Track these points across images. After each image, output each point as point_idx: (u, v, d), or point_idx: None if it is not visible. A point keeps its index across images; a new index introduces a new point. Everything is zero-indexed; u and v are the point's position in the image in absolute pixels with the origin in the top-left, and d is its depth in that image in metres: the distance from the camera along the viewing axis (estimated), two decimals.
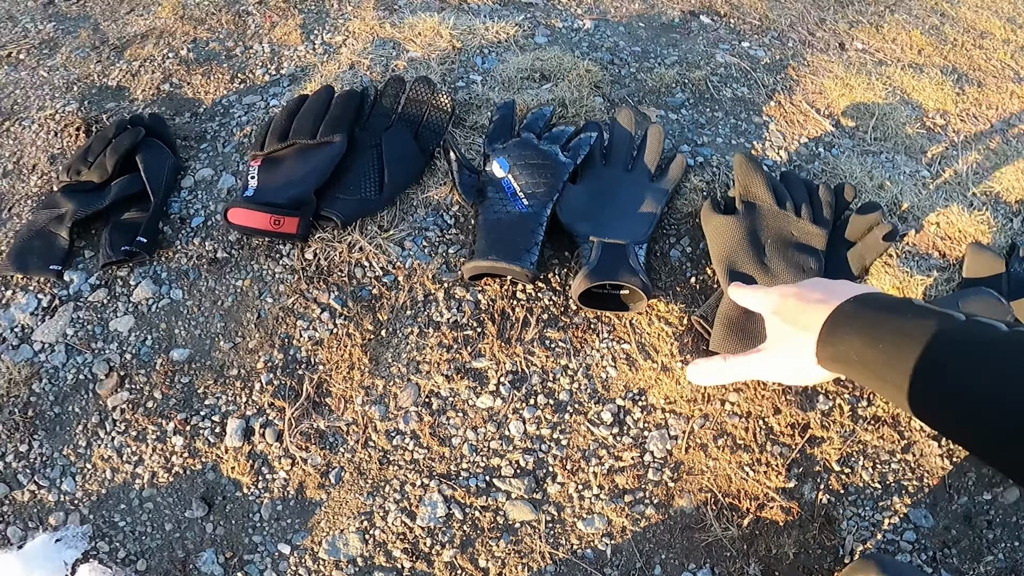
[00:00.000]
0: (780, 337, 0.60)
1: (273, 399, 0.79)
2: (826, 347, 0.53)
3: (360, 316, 0.82)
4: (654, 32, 1.18)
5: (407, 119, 0.94)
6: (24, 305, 0.83)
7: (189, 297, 0.83)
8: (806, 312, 0.57)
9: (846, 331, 0.52)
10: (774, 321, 0.61)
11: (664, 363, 0.81)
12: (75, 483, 0.76)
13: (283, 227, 0.83)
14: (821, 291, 0.58)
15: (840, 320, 0.53)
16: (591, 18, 1.17)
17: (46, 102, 1.01)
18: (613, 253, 0.82)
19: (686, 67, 1.10)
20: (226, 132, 0.98)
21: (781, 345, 0.60)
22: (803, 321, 0.56)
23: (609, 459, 0.76)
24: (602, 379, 0.81)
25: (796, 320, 0.57)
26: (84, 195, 0.88)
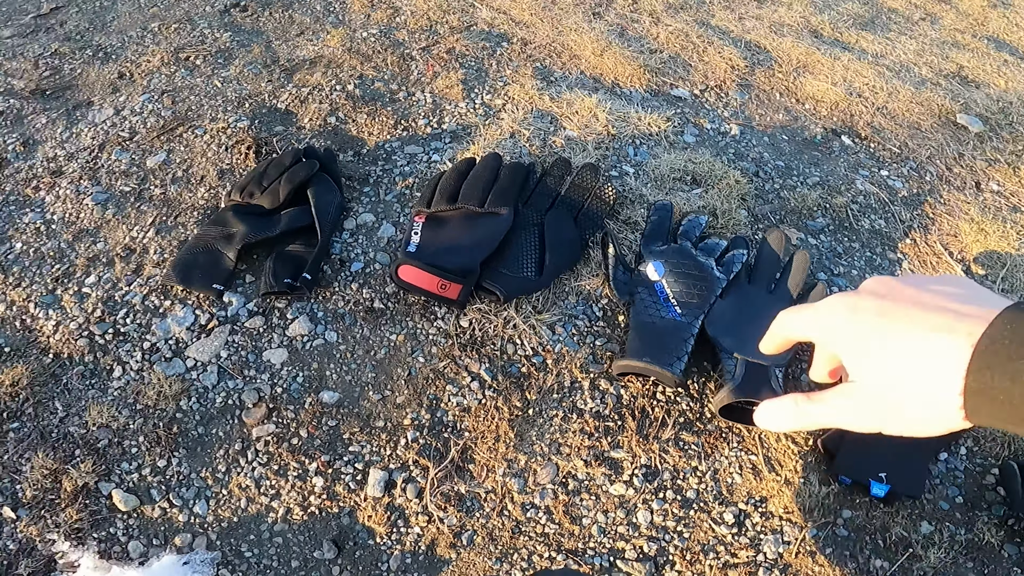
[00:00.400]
0: (882, 380, 0.35)
1: (418, 457, 0.78)
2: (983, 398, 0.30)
3: (509, 391, 0.82)
4: (797, 147, 1.21)
5: (568, 203, 0.95)
6: (181, 319, 0.82)
7: (343, 341, 0.83)
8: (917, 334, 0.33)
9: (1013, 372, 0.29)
10: (859, 359, 0.36)
11: (787, 477, 0.82)
12: (208, 507, 0.74)
13: (447, 292, 0.82)
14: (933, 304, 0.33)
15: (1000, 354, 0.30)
16: (737, 123, 1.20)
17: (219, 114, 1.01)
18: (757, 372, 0.83)
19: (828, 191, 1.12)
20: (388, 179, 0.98)
21: (886, 392, 0.35)
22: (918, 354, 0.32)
23: (726, 555, 0.77)
24: (728, 483, 0.81)
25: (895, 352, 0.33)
26: (255, 219, 0.87)
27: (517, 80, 1.15)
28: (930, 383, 0.32)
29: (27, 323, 0.83)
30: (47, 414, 0.77)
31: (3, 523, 0.72)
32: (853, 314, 0.36)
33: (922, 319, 0.33)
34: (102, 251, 0.88)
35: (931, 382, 0.32)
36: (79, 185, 0.95)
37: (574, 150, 1.05)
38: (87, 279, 0.86)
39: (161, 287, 0.84)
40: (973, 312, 0.32)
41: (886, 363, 0.34)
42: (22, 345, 0.81)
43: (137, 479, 0.74)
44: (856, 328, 0.35)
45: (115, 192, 0.94)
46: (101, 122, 1.03)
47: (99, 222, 0.91)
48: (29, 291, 0.85)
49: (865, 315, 0.35)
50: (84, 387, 0.78)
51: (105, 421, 0.76)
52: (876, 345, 0.34)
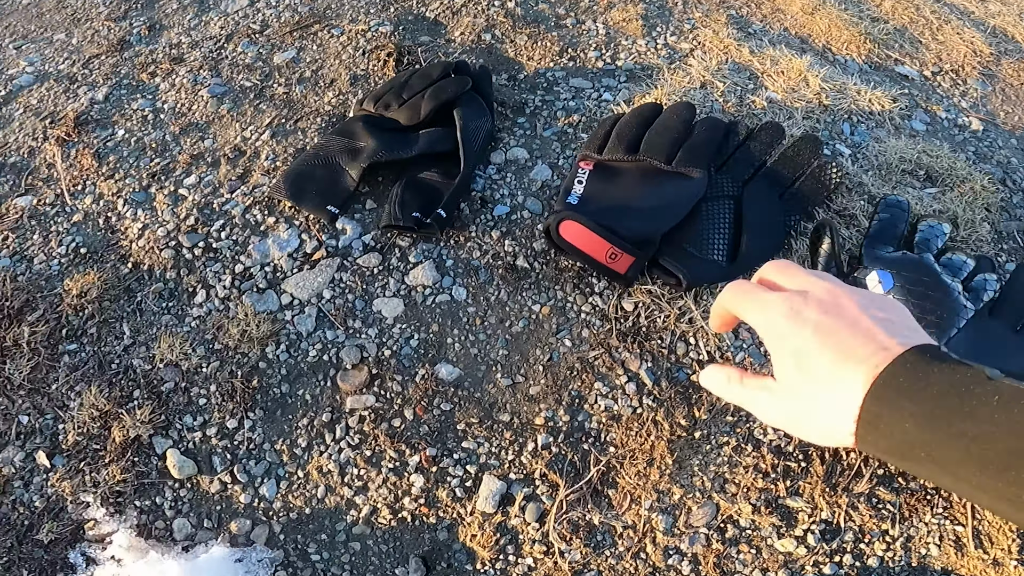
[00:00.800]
0: (797, 387, 0.36)
1: (548, 470, 0.57)
2: (873, 431, 0.32)
3: (673, 403, 0.60)
4: None
5: (774, 176, 0.71)
6: (284, 242, 0.65)
7: (473, 303, 0.63)
8: (835, 365, 0.34)
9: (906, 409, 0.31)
10: (785, 363, 0.36)
11: (997, 557, 0.59)
12: (277, 489, 0.57)
13: (616, 263, 0.61)
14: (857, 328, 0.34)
15: (892, 393, 0.32)
16: (978, 117, 0.94)
17: (360, 15, 0.84)
18: None
19: None
20: (548, 112, 0.77)
21: (798, 399, 0.36)
22: (830, 380, 0.34)
23: None
24: (920, 555, 0.58)
25: (819, 375, 0.34)
26: (389, 135, 0.68)
27: (708, 25, 0.93)
28: (834, 406, 0.34)
29: (111, 222, 0.68)
30: (111, 338, 0.61)
31: (35, 471, 0.57)
32: (795, 322, 0.36)
33: (848, 345, 0.34)
34: (208, 149, 0.72)
35: (835, 405, 0.34)
36: (197, 75, 0.80)
37: (777, 115, 0.82)
38: (186, 179, 0.70)
39: (266, 199, 0.67)
40: (889, 345, 0.33)
41: (807, 377, 0.35)
42: (101, 248, 0.66)
43: (199, 440, 0.58)
44: (794, 337, 0.36)
45: (234, 86, 0.78)
46: (233, 12, 0.88)
47: (211, 116, 0.75)
48: (121, 184, 0.70)
49: (805, 327, 0.36)
50: (159, 310, 0.63)
51: (175, 358, 0.60)
52: (804, 359, 0.35)
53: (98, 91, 0.80)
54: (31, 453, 0.58)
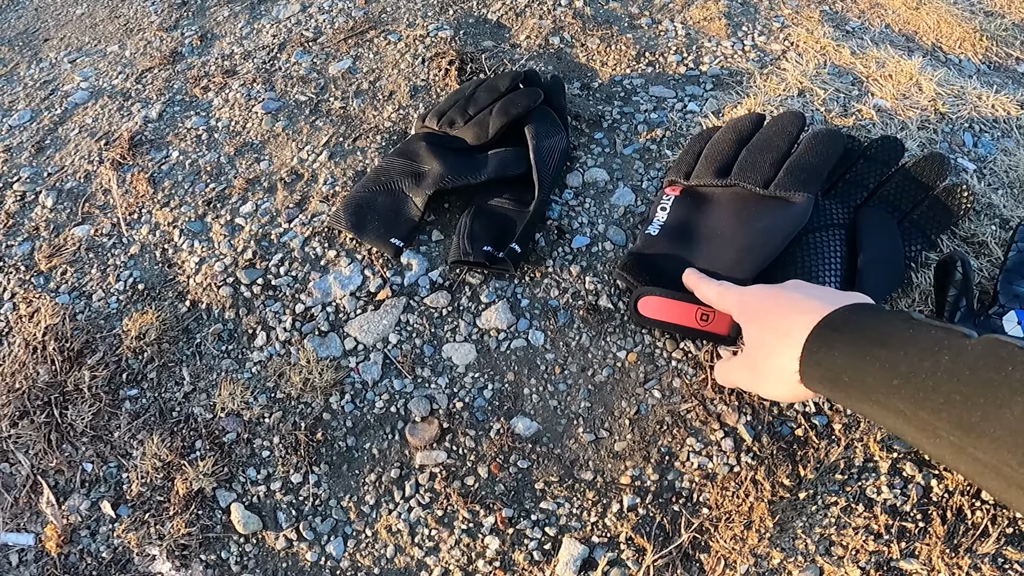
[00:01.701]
0: (755, 345, 0.47)
1: (633, 533, 0.51)
2: (811, 364, 0.42)
3: (775, 461, 0.52)
4: None
5: (891, 201, 0.60)
6: (346, 279, 0.59)
7: (552, 349, 0.56)
8: (787, 319, 0.44)
9: (836, 345, 0.41)
10: (750, 327, 0.48)
11: None
12: (344, 548, 0.52)
13: (711, 325, 0.53)
14: (806, 296, 0.46)
15: (828, 332, 0.41)
16: None
17: (417, 19, 0.77)
18: None
19: None
20: (628, 126, 0.69)
21: (758, 357, 0.47)
22: (783, 328, 0.44)
23: None
24: None
25: (776, 326, 0.45)
26: (454, 157, 0.62)
27: (800, 23, 0.83)
28: (786, 350, 0.43)
29: (168, 255, 0.63)
30: (172, 384, 0.57)
31: (101, 521, 0.53)
32: (764, 298, 0.47)
33: (800, 306, 0.44)
34: (264, 172, 0.67)
35: (786, 349, 0.43)
36: (251, 89, 0.74)
37: (890, 127, 0.71)
38: (243, 206, 0.65)
39: (326, 230, 0.61)
40: (833, 303, 0.43)
41: (767, 332, 0.45)
42: (158, 283, 0.62)
43: (263, 494, 0.53)
44: (761, 306, 0.47)
45: (289, 101, 0.72)
46: (285, 19, 0.82)
47: (266, 135, 0.70)
48: (177, 213, 0.65)
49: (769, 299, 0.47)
50: (219, 354, 0.58)
51: (236, 407, 0.56)
52: (766, 318, 0.46)
53: (152, 108, 0.76)
54: (96, 502, 0.55)
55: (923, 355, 0.36)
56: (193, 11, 0.88)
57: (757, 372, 0.47)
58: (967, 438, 0.34)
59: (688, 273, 0.55)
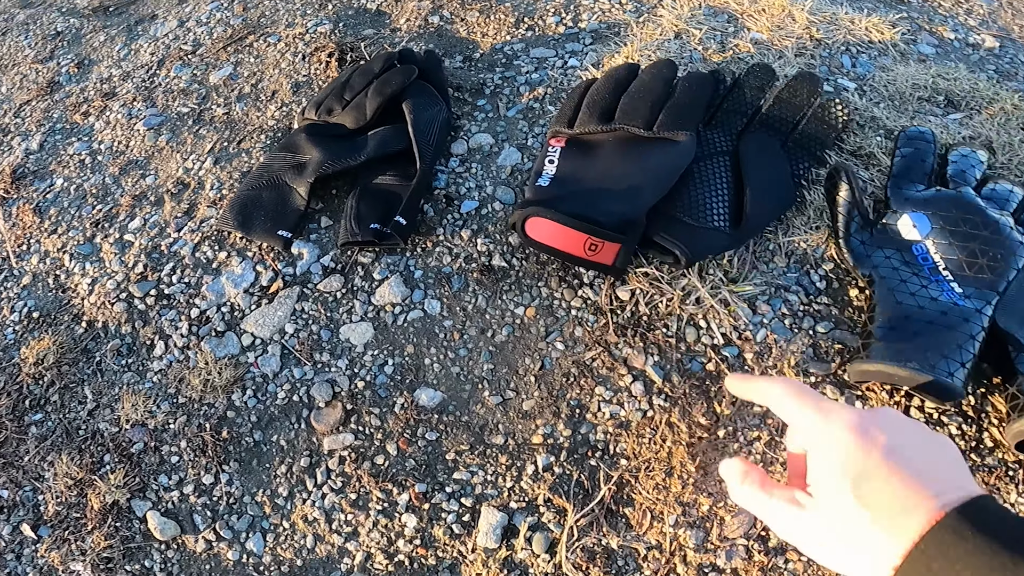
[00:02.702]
0: (843, 515, 0.34)
1: (551, 494, 0.49)
2: (917, 569, 0.31)
3: (689, 400, 0.51)
4: None
5: (772, 124, 0.60)
6: (238, 277, 0.57)
7: (449, 315, 0.54)
8: (898, 501, 0.32)
9: (952, 557, 0.30)
10: (842, 486, 0.34)
11: None
12: (264, 543, 0.49)
13: (599, 255, 0.52)
14: (919, 467, 0.33)
15: (946, 539, 0.31)
16: (991, 34, 0.81)
17: (296, 18, 0.75)
18: None
19: None
20: (511, 89, 0.67)
21: (837, 525, 0.34)
22: (888, 516, 0.32)
23: None
24: None
25: (880, 508, 0.32)
26: (334, 143, 0.60)
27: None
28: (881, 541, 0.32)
29: (60, 280, 0.61)
30: (75, 403, 0.55)
31: (24, 543, 0.51)
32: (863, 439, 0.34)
33: (895, 492, 0.32)
34: (151, 187, 0.65)
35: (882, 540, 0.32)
36: (132, 108, 0.72)
37: (767, 57, 0.71)
38: (131, 223, 0.63)
39: (215, 233, 0.60)
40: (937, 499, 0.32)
41: (864, 504, 0.33)
42: (53, 309, 0.59)
43: (177, 499, 0.51)
44: (858, 456, 0.34)
45: (171, 114, 0.70)
46: (162, 36, 0.80)
47: (150, 150, 0.68)
48: (65, 239, 0.63)
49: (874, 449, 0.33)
50: (119, 368, 0.56)
51: (140, 417, 0.53)
52: (867, 484, 0.33)
53: (32, 140, 0.73)
54: (16, 526, 0.53)
55: None
56: (68, 40, 0.86)
57: (830, 543, 0.35)
58: None
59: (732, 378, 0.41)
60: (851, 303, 0.55)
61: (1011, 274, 0.54)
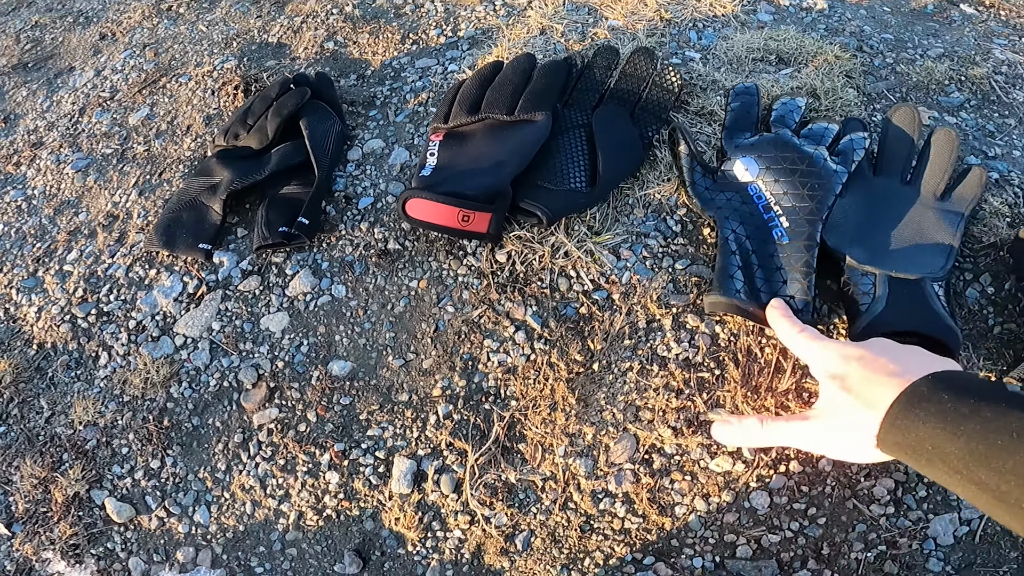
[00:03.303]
0: (835, 407, 0.47)
1: (452, 438, 0.57)
2: (892, 431, 0.42)
3: (565, 341, 0.59)
4: (904, 19, 0.88)
5: (620, 96, 0.69)
6: (168, 289, 0.64)
7: (354, 296, 0.62)
8: (871, 385, 0.44)
9: (920, 415, 0.41)
10: (830, 387, 0.48)
11: None
12: (209, 514, 0.57)
13: (472, 224, 0.59)
14: (892, 360, 0.45)
15: (914, 401, 0.41)
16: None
17: (204, 58, 0.83)
18: (907, 292, 0.57)
19: (959, 62, 0.79)
20: (398, 98, 0.76)
21: (835, 417, 0.47)
22: (867, 395, 0.44)
23: (879, 543, 0.52)
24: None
25: (859, 392, 0.45)
26: (241, 163, 0.68)
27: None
28: (865, 415, 0.43)
29: (10, 312, 0.67)
30: (33, 414, 0.62)
31: (0, 540, 0.59)
32: (844, 358, 0.47)
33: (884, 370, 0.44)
34: (83, 222, 0.72)
35: (866, 414, 0.43)
36: (59, 154, 0.79)
37: (622, 40, 0.79)
38: (68, 255, 0.69)
39: (145, 254, 0.67)
40: (917, 371, 0.43)
41: (847, 395, 0.45)
42: (6, 337, 0.66)
43: (130, 485, 0.58)
44: (843, 367, 0.46)
45: (96, 156, 0.77)
46: (81, 86, 0.87)
47: (80, 190, 0.75)
48: (11, 276, 0.70)
49: (851, 361, 0.46)
50: (70, 380, 0.62)
51: (91, 418, 0.60)
52: (847, 381, 0.45)
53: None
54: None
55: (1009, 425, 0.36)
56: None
57: (830, 433, 0.47)
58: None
59: (774, 304, 0.54)
60: (705, 241, 0.64)
61: (831, 199, 0.63)
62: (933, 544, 0.54)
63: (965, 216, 0.63)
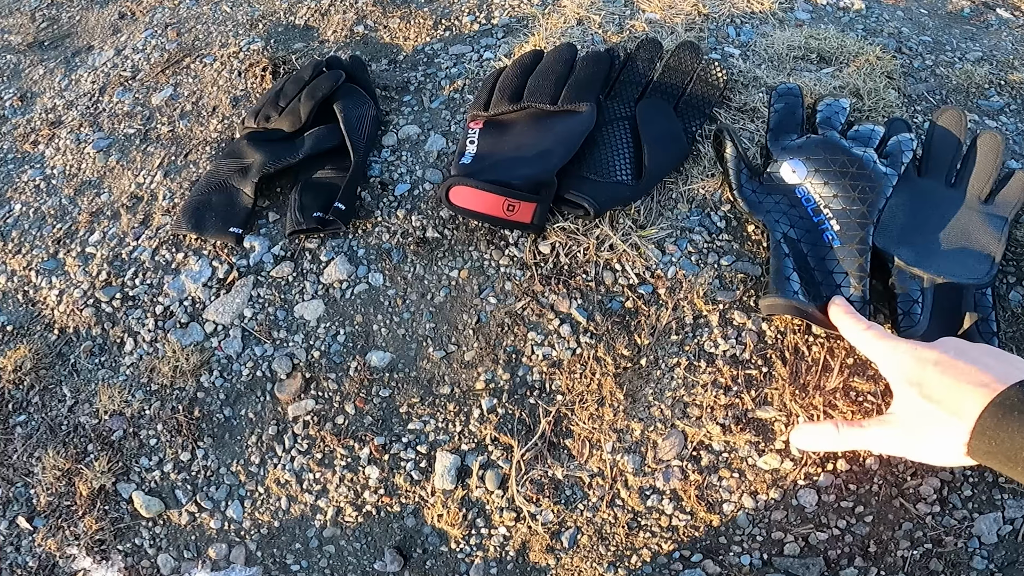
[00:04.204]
0: (916, 414, 0.45)
1: (497, 433, 0.55)
2: (983, 440, 0.41)
3: (611, 336, 0.57)
4: (941, 21, 0.88)
5: (664, 90, 0.68)
6: (197, 274, 0.62)
7: (392, 285, 0.60)
8: (956, 393, 0.43)
9: (1015, 424, 0.40)
10: (908, 393, 0.46)
11: None
12: (243, 509, 0.55)
13: (517, 214, 0.58)
14: (973, 364, 0.44)
15: (1006, 409, 0.40)
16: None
17: (229, 39, 0.81)
18: (951, 297, 0.58)
19: (998, 67, 0.79)
20: (433, 84, 0.74)
21: (916, 424, 0.46)
22: (952, 403, 0.43)
23: (926, 542, 0.52)
24: None
25: (942, 400, 0.43)
26: (273, 145, 0.66)
27: None
28: (951, 423, 0.42)
29: (29, 295, 0.65)
30: (55, 402, 0.59)
31: (21, 535, 0.56)
32: (919, 361, 0.45)
33: (967, 377, 0.42)
34: (106, 203, 0.69)
35: (952, 423, 0.42)
36: (79, 133, 0.77)
37: (660, 34, 0.78)
38: (91, 237, 0.67)
39: (172, 238, 0.64)
40: (1003, 377, 0.41)
41: (928, 402, 0.43)
42: (25, 321, 0.64)
43: (159, 478, 0.56)
44: (918, 372, 0.45)
45: (118, 136, 0.75)
46: (101, 65, 0.84)
47: (102, 171, 0.72)
48: (29, 257, 0.67)
49: (927, 365, 0.44)
50: (93, 367, 0.60)
51: (118, 407, 0.58)
52: (926, 388, 0.44)
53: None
54: (12, 520, 0.57)
55: None
56: (7, 75, 0.90)
57: (914, 440, 0.46)
58: None
59: (837, 302, 0.53)
60: (750, 237, 0.63)
61: (881, 201, 0.62)
62: (977, 542, 0.53)
63: (1009, 220, 0.63)
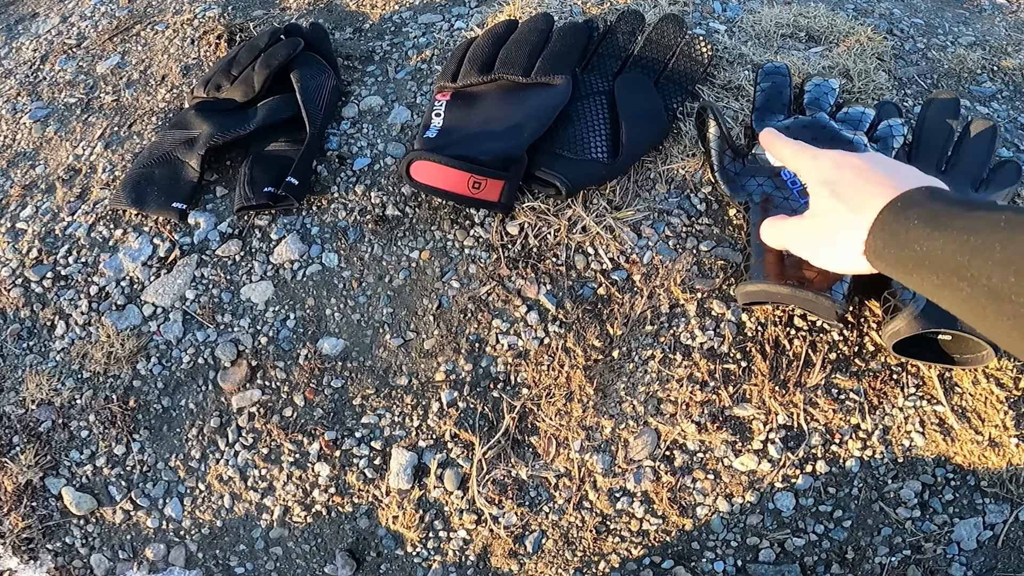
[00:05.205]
0: (823, 212, 0.46)
1: (458, 429, 0.51)
2: (881, 236, 0.41)
3: (582, 325, 0.54)
4: (934, 4, 0.85)
5: (645, 64, 0.64)
6: (136, 252, 0.58)
7: (347, 266, 0.56)
8: (863, 190, 0.43)
9: (912, 219, 0.39)
10: (821, 192, 0.47)
11: (992, 436, 0.51)
12: (182, 508, 0.51)
13: (483, 192, 0.54)
14: (887, 171, 0.44)
15: (905, 207, 0.40)
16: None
17: (184, 5, 0.76)
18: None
19: (991, 52, 0.76)
20: (399, 54, 0.70)
21: (823, 223, 0.46)
22: (857, 200, 0.43)
23: (905, 548, 0.49)
24: (904, 447, 0.52)
25: (849, 199, 0.44)
26: (223, 116, 0.61)
27: None
28: (854, 221, 0.42)
29: None
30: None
31: None
32: (839, 166, 0.46)
33: (875, 180, 0.43)
34: (41, 176, 0.65)
35: (855, 221, 0.42)
36: (16, 103, 0.72)
37: (643, 6, 0.75)
38: (22, 212, 0.62)
39: (110, 213, 0.60)
40: (908, 182, 0.41)
41: (837, 200, 0.44)
42: None
43: (91, 472, 0.51)
44: (835, 174, 0.45)
45: (58, 106, 0.70)
46: (44, 32, 0.79)
47: (38, 142, 0.67)
48: None
49: (845, 169, 0.45)
50: (20, 351, 0.56)
51: (46, 396, 0.53)
52: (837, 187, 0.45)
53: None
54: None
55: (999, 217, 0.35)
56: None
57: (819, 237, 0.46)
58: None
59: (767, 131, 0.53)
60: (731, 222, 0.60)
61: None
62: (957, 548, 0.51)
63: None
